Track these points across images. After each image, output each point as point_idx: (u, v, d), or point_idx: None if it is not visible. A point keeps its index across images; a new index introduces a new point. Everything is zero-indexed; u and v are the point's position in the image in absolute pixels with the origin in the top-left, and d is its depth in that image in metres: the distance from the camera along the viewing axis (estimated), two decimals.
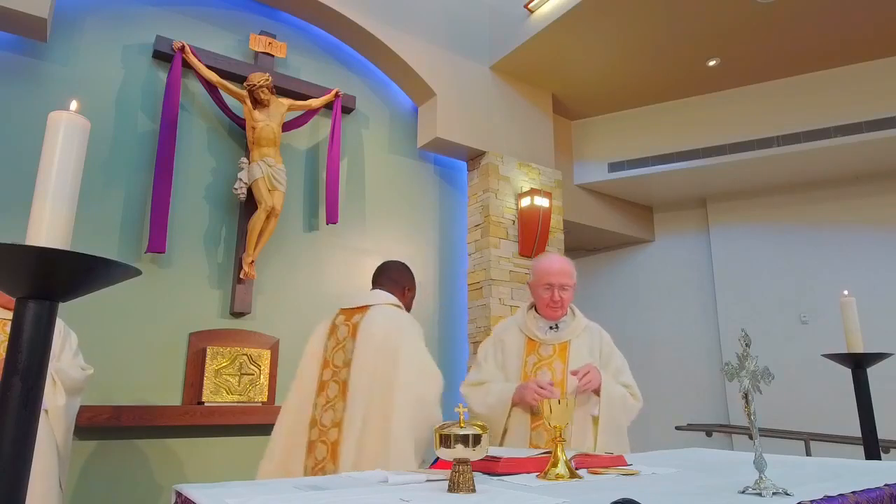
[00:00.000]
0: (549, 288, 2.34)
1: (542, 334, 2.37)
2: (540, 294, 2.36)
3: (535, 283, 2.40)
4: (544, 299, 2.35)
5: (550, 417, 1.54)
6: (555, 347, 2.35)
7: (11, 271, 0.95)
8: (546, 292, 2.34)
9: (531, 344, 2.38)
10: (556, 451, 1.47)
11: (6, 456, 0.89)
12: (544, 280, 2.35)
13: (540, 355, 2.34)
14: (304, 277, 4.23)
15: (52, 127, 1.02)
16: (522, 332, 2.41)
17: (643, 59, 5.13)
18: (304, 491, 1.20)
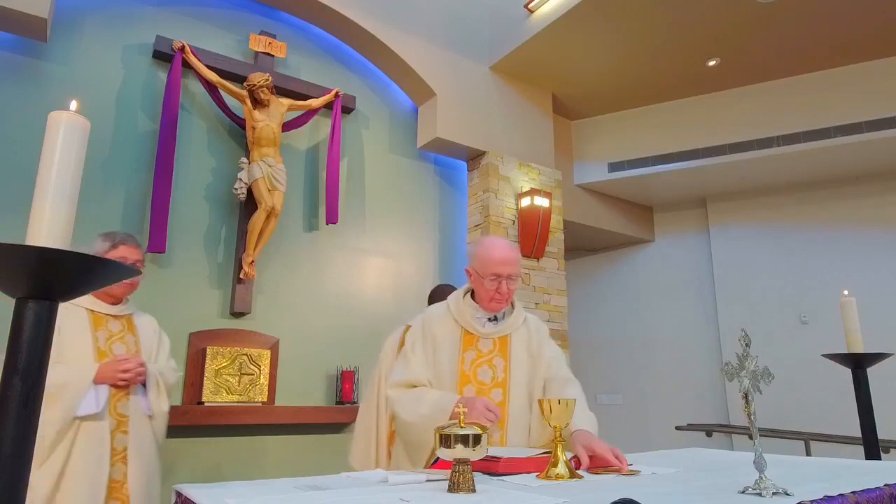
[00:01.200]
0: (495, 279, 2.02)
1: (481, 327, 2.08)
2: (484, 285, 2.04)
3: (479, 271, 2.06)
4: (489, 291, 2.03)
5: (551, 418, 1.53)
6: (495, 342, 2.08)
7: (11, 271, 0.95)
8: (492, 283, 2.02)
9: (468, 338, 2.08)
10: (555, 451, 1.47)
11: (6, 455, 0.89)
12: (491, 269, 2.02)
13: (479, 351, 2.06)
14: (304, 277, 4.23)
15: (52, 127, 1.02)
16: (458, 324, 2.10)
17: (643, 59, 5.13)
18: (304, 491, 1.20)
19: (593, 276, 7.13)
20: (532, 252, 5.00)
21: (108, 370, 2.19)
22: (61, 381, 2.07)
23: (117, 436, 2.21)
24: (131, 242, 2.40)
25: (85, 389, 2.12)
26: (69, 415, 2.08)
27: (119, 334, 2.36)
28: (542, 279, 5.06)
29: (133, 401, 2.28)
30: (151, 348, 2.45)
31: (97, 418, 2.15)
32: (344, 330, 4.29)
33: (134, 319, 2.46)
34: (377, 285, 4.56)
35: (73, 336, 2.24)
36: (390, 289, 4.58)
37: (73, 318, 2.27)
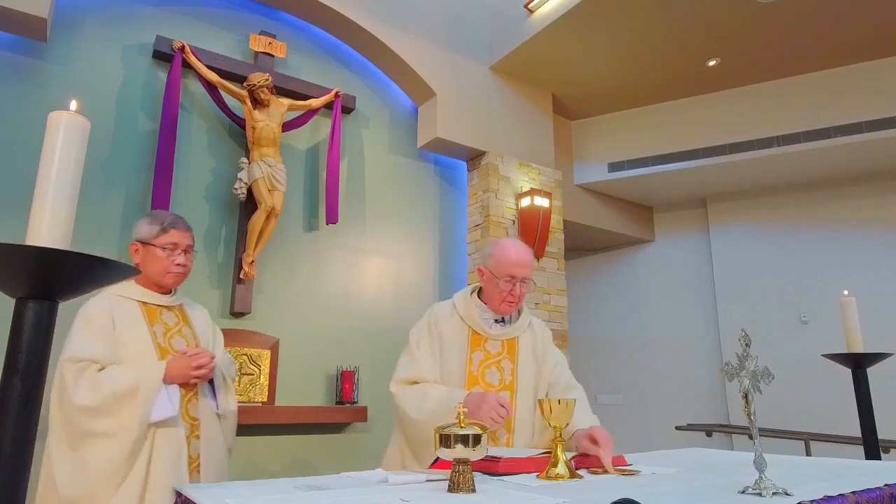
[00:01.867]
0: (510, 281, 2.03)
1: (489, 328, 2.08)
2: (498, 286, 2.04)
3: (494, 271, 2.06)
4: (502, 293, 2.04)
5: (551, 418, 1.54)
6: (503, 344, 2.07)
7: (11, 271, 0.95)
8: (507, 285, 2.03)
9: (476, 338, 2.06)
10: (555, 451, 1.47)
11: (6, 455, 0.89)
12: (507, 270, 2.04)
13: (487, 352, 2.04)
14: (304, 277, 4.24)
15: (52, 127, 1.03)
16: (465, 323, 2.08)
17: (643, 59, 5.13)
18: (304, 491, 1.20)
19: (593, 276, 7.13)
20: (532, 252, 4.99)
21: (178, 367, 1.93)
22: (130, 383, 1.83)
23: (192, 442, 1.97)
24: (182, 226, 2.11)
25: (157, 391, 1.86)
26: (144, 421, 1.82)
27: (175, 327, 2.12)
28: (542, 279, 5.07)
29: (202, 400, 2.04)
30: (208, 341, 2.20)
31: (172, 423, 1.90)
32: (344, 330, 4.29)
33: (186, 310, 2.21)
34: (377, 285, 4.56)
35: (130, 332, 1.99)
36: (390, 289, 4.58)
37: (126, 312, 2.02)
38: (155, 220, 2.09)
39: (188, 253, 2.12)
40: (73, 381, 1.79)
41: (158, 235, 2.05)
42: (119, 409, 1.80)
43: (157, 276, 2.07)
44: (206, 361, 1.97)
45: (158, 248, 2.05)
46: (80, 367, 1.83)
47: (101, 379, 1.81)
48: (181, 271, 2.10)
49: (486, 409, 1.74)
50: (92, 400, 1.78)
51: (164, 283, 2.10)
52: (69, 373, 1.81)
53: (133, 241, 2.09)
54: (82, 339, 1.90)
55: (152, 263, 2.05)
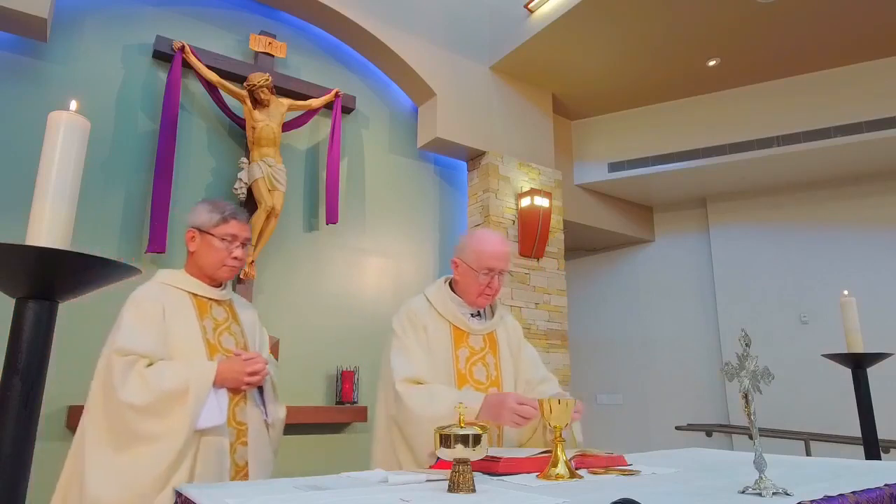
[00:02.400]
0: (489, 273, 1.99)
1: (468, 321, 2.05)
2: (476, 278, 2.00)
3: (471, 264, 2.01)
4: (479, 285, 2.00)
5: (551, 418, 1.54)
6: (485, 339, 2.04)
7: (11, 271, 0.95)
8: (485, 278, 1.99)
9: (459, 334, 2.02)
10: (556, 451, 1.47)
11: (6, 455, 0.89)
12: (486, 263, 1.98)
13: (472, 348, 2.00)
14: (304, 277, 4.24)
15: (52, 127, 1.03)
16: (445, 319, 2.03)
17: (643, 59, 5.13)
18: (304, 491, 1.20)
19: (593, 276, 7.13)
20: (532, 252, 5.00)
21: (231, 371, 1.79)
22: (181, 383, 1.69)
23: (238, 448, 1.82)
24: (243, 218, 1.99)
25: (207, 393, 1.72)
26: (192, 426, 1.68)
27: (225, 323, 1.97)
28: (542, 279, 5.06)
29: (250, 406, 1.90)
30: (255, 342, 2.05)
31: (218, 433, 1.75)
32: (344, 330, 4.29)
33: (235, 306, 2.06)
34: (377, 285, 4.56)
35: (180, 325, 1.86)
36: (390, 289, 4.58)
37: (176, 303, 1.90)
38: (216, 208, 1.97)
39: (245, 246, 1.99)
40: (122, 376, 1.67)
41: (218, 225, 1.93)
42: (168, 410, 1.67)
43: (211, 268, 1.94)
44: (261, 368, 1.85)
45: (217, 238, 1.92)
46: (129, 360, 1.71)
47: (151, 375, 1.69)
48: (237, 265, 1.97)
49: (506, 412, 1.69)
50: (141, 398, 1.65)
51: (218, 277, 1.97)
52: (117, 366, 1.68)
53: (190, 228, 1.97)
54: (132, 329, 1.78)
55: (208, 254, 1.93)
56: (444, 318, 2.03)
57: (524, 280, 4.96)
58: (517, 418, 1.69)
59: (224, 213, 1.95)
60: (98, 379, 1.73)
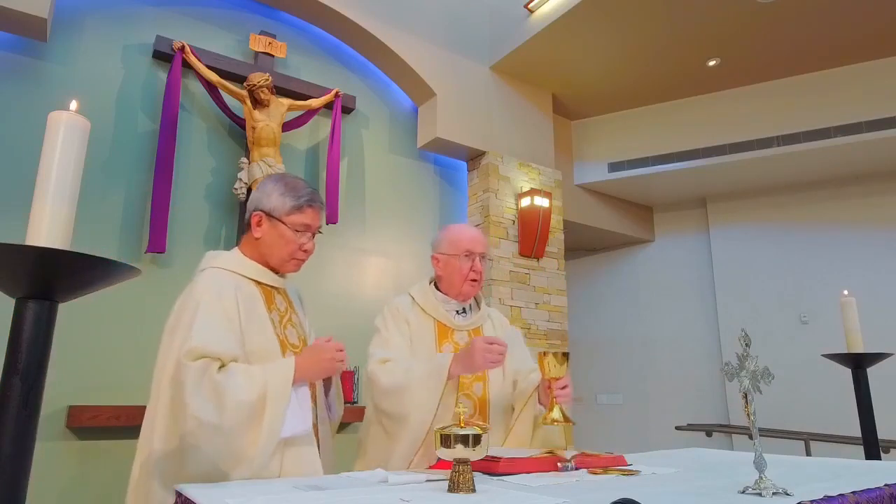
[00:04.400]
0: (469, 256, 2.00)
1: (453, 318, 2.06)
2: (458, 266, 2.00)
3: (449, 253, 2.03)
4: (463, 271, 1.99)
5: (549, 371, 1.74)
6: (470, 334, 2.05)
7: (11, 271, 0.95)
8: (466, 261, 1.99)
9: (443, 330, 2.03)
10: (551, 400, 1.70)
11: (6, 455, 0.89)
12: (464, 247, 2.00)
13: (456, 344, 2.01)
14: (304, 277, 4.22)
15: (52, 127, 1.03)
16: (430, 316, 2.05)
17: (643, 59, 5.13)
18: (304, 491, 1.20)
19: (593, 276, 7.13)
20: (532, 252, 5.00)
21: (316, 360, 1.56)
22: (257, 390, 1.44)
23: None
24: (318, 206, 1.76)
25: (288, 397, 1.46)
26: (274, 439, 1.43)
27: (286, 315, 1.75)
28: (542, 279, 5.06)
29: (319, 405, 1.71)
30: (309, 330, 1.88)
31: (305, 442, 1.52)
32: (344, 330, 4.26)
33: (288, 293, 1.85)
34: (377, 285, 4.56)
35: (254, 320, 1.61)
36: (390, 289, 4.57)
37: (249, 297, 1.64)
38: (291, 190, 1.71)
39: (315, 236, 1.78)
40: (193, 386, 1.40)
41: (292, 213, 1.69)
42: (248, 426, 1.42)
43: (277, 259, 1.71)
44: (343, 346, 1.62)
45: (289, 227, 1.69)
46: (202, 365, 1.43)
47: (224, 385, 1.42)
48: (305, 259, 1.76)
49: (478, 354, 1.72)
50: (213, 415, 1.38)
51: (284, 269, 1.75)
52: (189, 374, 1.41)
53: (257, 210, 1.71)
54: (205, 325, 1.49)
55: (277, 244, 1.69)
56: (428, 315, 2.05)
57: (524, 280, 4.96)
58: (490, 356, 1.71)
59: (300, 200, 1.70)
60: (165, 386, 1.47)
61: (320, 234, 1.82)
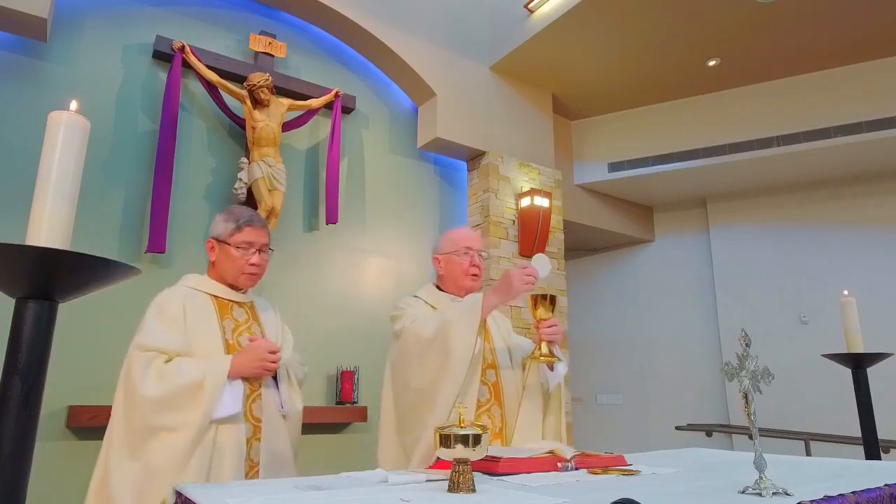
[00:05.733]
0: (468, 251, 2.14)
1: None
2: (458, 262, 2.13)
3: (449, 251, 2.16)
4: (463, 266, 2.13)
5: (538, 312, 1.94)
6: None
7: (11, 271, 0.95)
8: (466, 257, 2.13)
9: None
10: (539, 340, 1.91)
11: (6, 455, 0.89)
12: (464, 243, 2.15)
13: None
14: (304, 277, 4.23)
15: (52, 127, 1.03)
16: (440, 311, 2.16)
17: (643, 59, 5.13)
18: (304, 491, 1.20)
19: (593, 276, 7.13)
20: (532, 252, 4.99)
21: (248, 359, 1.83)
22: (196, 377, 1.74)
23: (253, 444, 1.83)
24: (258, 224, 2.02)
25: (223, 385, 1.76)
26: (208, 417, 1.72)
27: (245, 324, 2.01)
28: (542, 279, 5.06)
29: (265, 400, 1.90)
30: (277, 341, 2.06)
31: (235, 421, 1.79)
32: (344, 330, 4.29)
33: (256, 307, 2.10)
34: (377, 285, 4.56)
35: (200, 325, 1.90)
36: (390, 289, 4.58)
37: (197, 305, 1.94)
38: (231, 216, 2.01)
39: (263, 252, 2.02)
40: (141, 372, 1.73)
41: (233, 234, 1.97)
42: (184, 403, 1.71)
43: (231, 276, 2.00)
44: (278, 347, 1.90)
45: (233, 247, 1.97)
46: (148, 356, 1.77)
47: (168, 370, 1.75)
48: (255, 272, 2.02)
49: (517, 281, 1.87)
50: (158, 391, 1.70)
51: (239, 285, 2.03)
52: (136, 362, 1.75)
53: (209, 238, 2.03)
54: (153, 328, 1.84)
55: (227, 263, 1.99)
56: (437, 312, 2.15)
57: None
58: (527, 279, 1.88)
59: (238, 222, 1.98)
60: (121, 379, 1.78)
61: (271, 251, 2.09)
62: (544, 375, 2.11)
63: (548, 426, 2.09)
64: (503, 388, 2.06)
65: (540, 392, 2.10)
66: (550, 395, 2.12)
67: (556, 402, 2.12)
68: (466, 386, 1.88)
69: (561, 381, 2.13)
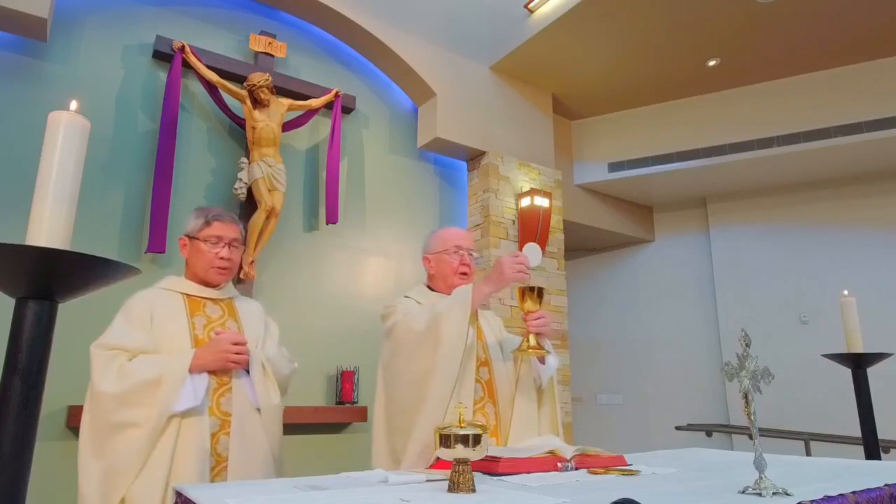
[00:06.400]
0: (458, 250, 2.14)
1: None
2: (448, 261, 2.13)
3: (438, 250, 2.16)
4: (453, 265, 2.13)
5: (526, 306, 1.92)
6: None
7: (11, 271, 0.95)
8: (456, 256, 2.13)
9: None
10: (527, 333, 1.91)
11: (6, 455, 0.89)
12: (452, 242, 2.15)
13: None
14: (304, 277, 4.23)
15: (52, 127, 1.03)
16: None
17: (643, 59, 5.13)
18: (304, 491, 1.20)
19: (593, 276, 7.13)
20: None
21: (211, 352, 1.82)
22: (154, 373, 1.74)
23: (220, 439, 1.80)
24: (227, 219, 2.04)
25: (182, 379, 1.75)
26: (166, 412, 1.71)
27: (219, 320, 2.00)
28: (542, 279, 5.06)
29: (236, 395, 1.86)
30: (257, 336, 2.05)
31: (197, 414, 1.77)
32: (344, 330, 4.29)
33: (235, 304, 2.09)
34: (377, 285, 4.56)
35: (168, 324, 1.90)
36: (390, 289, 4.58)
37: (167, 304, 1.94)
38: (200, 213, 2.04)
39: (233, 247, 2.03)
40: (102, 369, 1.75)
41: (202, 229, 1.99)
42: (143, 398, 1.72)
43: (202, 271, 2.00)
44: (245, 340, 1.88)
45: (202, 241, 1.99)
46: (111, 354, 1.79)
47: (129, 367, 1.76)
48: (225, 265, 2.01)
49: (508, 269, 1.86)
50: (117, 387, 1.71)
51: (210, 280, 2.02)
52: (98, 360, 1.77)
53: (181, 236, 2.05)
54: (117, 327, 1.87)
55: (197, 258, 2.00)
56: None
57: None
58: (518, 267, 1.87)
59: (207, 217, 2.00)
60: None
61: (243, 246, 2.12)
62: (536, 371, 2.10)
63: (543, 418, 2.08)
64: (496, 385, 2.06)
65: (533, 384, 2.10)
66: (544, 390, 2.11)
67: (549, 395, 2.11)
68: (463, 383, 1.88)
69: (553, 374, 2.12)
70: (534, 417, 2.05)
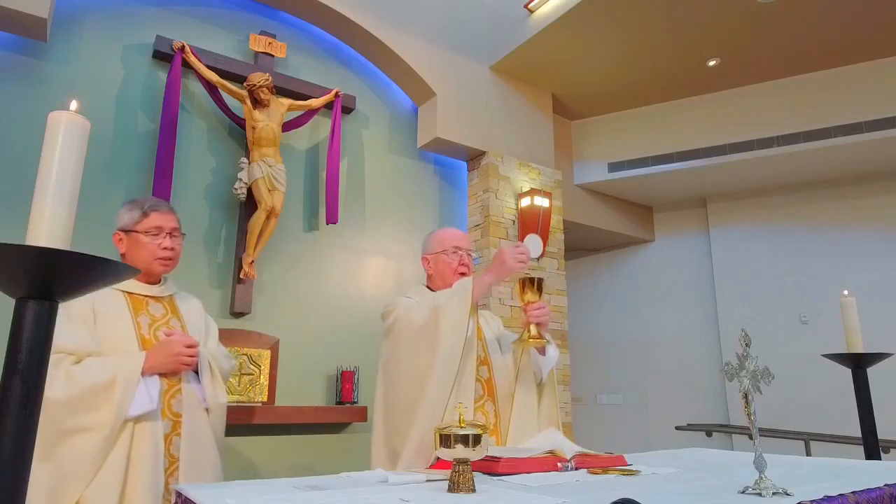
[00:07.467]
0: (456, 250, 2.17)
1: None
2: (447, 261, 2.15)
3: (437, 251, 2.19)
4: (452, 266, 2.15)
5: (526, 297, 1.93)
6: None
7: (11, 271, 0.95)
8: (454, 256, 2.16)
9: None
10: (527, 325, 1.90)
11: (6, 455, 0.89)
12: (452, 243, 2.18)
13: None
14: (304, 277, 4.23)
15: (52, 127, 1.02)
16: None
17: (643, 59, 5.13)
18: (304, 491, 1.20)
19: (593, 276, 7.12)
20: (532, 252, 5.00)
21: (162, 354, 1.80)
22: (107, 376, 1.70)
23: (173, 440, 1.80)
24: (164, 209, 1.99)
25: (136, 383, 1.72)
26: (121, 416, 1.69)
27: (163, 319, 1.96)
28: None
29: (186, 395, 1.86)
30: (199, 333, 2.04)
31: (151, 418, 1.75)
32: (344, 330, 4.29)
33: (177, 301, 2.06)
34: (377, 285, 4.56)
35: (112, 324, 1.85)
36: (390, 289, 4.58)
37: (108, 304, 1.87)
38: (135, 205, 1.99)
39: (175, 236, 1.99)
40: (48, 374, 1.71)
41: (140, 220, 1.94)
42: (95, 403, 1.67)
43: (145, 265, 1.94)
44: (195, 342, 1.87)
45: (142, 234, 1.94)
46: (55, 359, 1.69)
47: (77, 372, 1.70)
48: (169, 255, 1.97)
49: (510, 258, 1.87)
50: (67, 393, 1.65)
51: (154, 271, 1.97)
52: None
53: (115, 231, 1.99)
54: (61, 330, 1.79)
55: (138, 252, 1.94)
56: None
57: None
58: (519, 256, 1.89)
59: (143, 208, 1.96)
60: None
61: (183, 235, 2.06)
62: (537, 364, 2.10)
63: (543, 410, 2.08)
64: (496, 382, 2.06)
65: (532, 377, 2.11)
66: (544, 384, 2.11)
67: (549, 388, 2.12)
68: (463, 382, 1.88)
69: (553, 366, 2.12)
70: (533, 411, 2.06)
